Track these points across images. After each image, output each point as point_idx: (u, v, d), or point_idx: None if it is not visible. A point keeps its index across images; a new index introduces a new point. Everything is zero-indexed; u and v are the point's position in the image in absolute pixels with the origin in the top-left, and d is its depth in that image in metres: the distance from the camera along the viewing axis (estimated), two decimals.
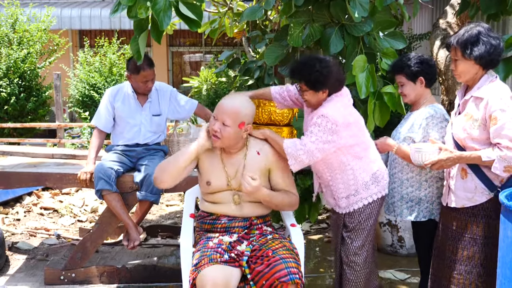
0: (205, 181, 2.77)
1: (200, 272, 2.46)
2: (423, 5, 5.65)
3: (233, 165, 2.76)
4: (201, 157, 2.79)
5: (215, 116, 2.68)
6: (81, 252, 3.66)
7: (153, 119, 3.77)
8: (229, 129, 2.65)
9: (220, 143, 2.68)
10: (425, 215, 3.01)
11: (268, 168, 2.80)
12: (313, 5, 3.59)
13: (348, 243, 2.90)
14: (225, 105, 2.67)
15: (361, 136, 2.84)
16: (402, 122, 3.12)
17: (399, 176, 3.05)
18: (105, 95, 3.81)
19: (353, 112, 2.84)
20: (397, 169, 3.06)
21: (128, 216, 3.58)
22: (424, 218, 3.01)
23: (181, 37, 12.75)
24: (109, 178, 3.45)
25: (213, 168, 2.76)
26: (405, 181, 3.03)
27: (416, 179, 3.00)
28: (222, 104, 2.69)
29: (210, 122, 2.72)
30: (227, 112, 2.65)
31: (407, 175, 3.02)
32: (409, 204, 3.02)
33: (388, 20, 3.49)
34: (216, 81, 9.85)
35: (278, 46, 3.80)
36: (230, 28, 5.50)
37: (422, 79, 2.98)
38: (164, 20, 2.87)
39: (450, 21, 4.58)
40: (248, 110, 2.73)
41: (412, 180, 3.01)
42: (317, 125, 2.68)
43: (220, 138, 2.66)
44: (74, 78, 9.16)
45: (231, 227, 2.75)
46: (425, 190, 2.99)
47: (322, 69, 2.69)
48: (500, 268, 2.32)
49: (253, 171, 2.73)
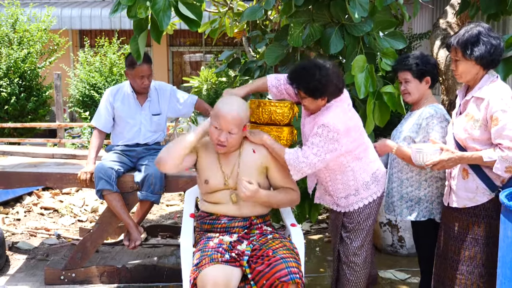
0: (203, 179, 2.78)
1: (201, 271, 2.46)
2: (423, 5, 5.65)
3: (229, 164, 2.77)
4: (199, 156, 2.80)
5: (217, 126, 2.66)
6: (81, 252, 3.66)
7: (153, 118, 3.77)
8: (236, 136, 2.68)
9: (225, 150, 2.71)
10: (424, 215, 3.01)
11: (265, 166, 2.80)
12: (313, 5, 3.59)
13: (347, 243, 2.90)
14: (227, 115, 2.64)
15: (360, 138, 2.84)
16: (403, 122, 3.12)
17: (398, 176, 3.05)
18: (104, 95, 3.81)
19: (352, 116, 2.83)
20: (397, 169, 3.06)
21: (129, 216, 3.58)
22: (423, 217, 3.01)
23: (181, 37, 12.76)
24: (110, 178, 3.46)
25: (211, 167, 2.77)
26: (405, 181, 3.03)
27: (416, 179, 3.00)
28: (223, 114, 2.65)
29: (211, 132, 2.70)
30: (231, 121, 2.64)
31: (406, 175, 3.02)
32: (408, 204, 3.02)
33: (388, 20, 3.49)
34: (216, 81, 9.85)
35: (278, 46, 3.80)
36: (230, 28, 5.50)
37: (428, 79, 2.98)
38: (163, 20, 2.87)
39: (450, 21, 4.57)
40: (246, 111, 2.76)
41: (412, 180, 3.01)
42: (318, 135, 2.67)
43: (225, 146, 2.67)
44: (74, 78, 9.17)
45: (231, 227, 2.75)
46: (424, 190, 2.99)
47: (322, 77, 2.66)
48: (500, 268, 2.32)
49: (248, 170, 2.74)
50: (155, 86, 3.81)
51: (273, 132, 3.57)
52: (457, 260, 2.68)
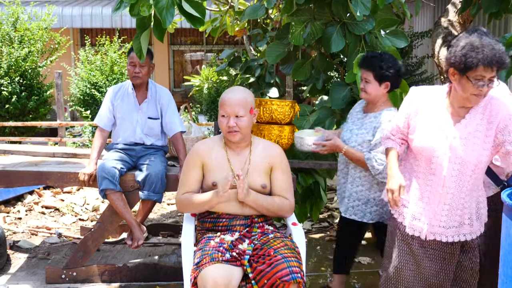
0: (210, 182, 2.76)
1: (201, 270, 2.45)
2: (425, 3, 5.65)
3: (239, 161, 2.77)
4: (204, 164, 2.78)
5: (224, 114, 2.69)
6: (82, 251, 3.66)
7: (148, 121, 3.74)
8: (244, 119, 2.69)
9: (239, 136, 2.71)
10: (373, 218, 3.04)
11: (271, 167, 2.80)
12: (314, 3, 3.58)
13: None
14: (232, 99, 2.69)
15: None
16: (356, 122, 3.11)
17: (352, 174, 3.08)
18: (107, 93, 3.82)
19: None
20: (352, 166, 3.09)
21: (131, 215, 3.58)
22: (372, 220, 3.05)
23: (182, 36, 12.75)
24: (113, 177, 3.45)
25: (219, 168, 2.75)
26: (357, 179, 3.06)
27: (368, 180, 3.03)
28: (228, 99, 2.69)
29: (220, 123, 2.72)
30: (237, 104, 2.67)
31: (360, 173, 3.05)
32: (355, 203, 3.06)
33: (390, 19, 3.48)
34: (217, 79, 9.85)
35: (279, 45, 3.79)
36: (231, 26, 5.49)
37: (388, 84, 2.99)
38: (167, 18, 2.86)
39: (452, 19, 4.57)
40: (251, 95, 2.79)
41: (364, 179, 3.04)
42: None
43: (238, 131, 2.68)
44: (75, 76, 9.16)
45: (232, 225, 2.75)
46: (375, 193, 3.02)
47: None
48: (502, 267, 2.31)
49: (258, 168, 2.76)
50: (156, 88, 3.79)
51: (275, 131, 3.57)
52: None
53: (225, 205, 2.75)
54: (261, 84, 4.79)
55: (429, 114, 2.40)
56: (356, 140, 3.02)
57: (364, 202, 3.03)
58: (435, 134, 2.36)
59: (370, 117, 3.02)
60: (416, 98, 2.46)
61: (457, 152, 2.31)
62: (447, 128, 2.34)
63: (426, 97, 2.44)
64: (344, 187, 3.15)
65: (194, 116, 8.92)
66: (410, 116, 2.46)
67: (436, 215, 2.41)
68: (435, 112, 2.39)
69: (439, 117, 2.38)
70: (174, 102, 3.82)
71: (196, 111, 10.32)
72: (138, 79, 3.69)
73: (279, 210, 2.80)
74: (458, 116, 2.35)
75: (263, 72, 4.80)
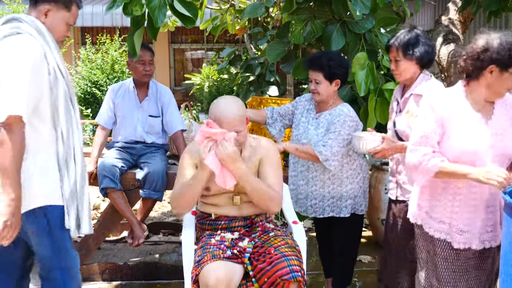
0: (204, 187, 2.69)
1: (203, 268, 2.45)
2: (425, 1, 5.65)
3: None
4: (197, 161, 2.73)
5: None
6: (83, 249, 3.67)
7: (149, 119, 3.75)
8: (243, 132, 2.63)
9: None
10: (348, 211, 3.09)
11: (259, 159, 2.72)
12: (314, 2, 3.59)
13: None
14: (229, 117, 2.54)
15: None
16: (313, 123, 3.10)
17: (321, 178, 3.10)
18: (108, 91, 3.83)
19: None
20: (304, 168, 3.12)
21: (132, 214, 3.58)
22: (348, 214, 3.09)
23: (183, 34, 12.75)
24: (114, 176, 3.46)
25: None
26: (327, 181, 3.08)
27: (337, 176, 3.06)
28: (225, 117, 2.54)
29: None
30: (235, 120, 2.56)
31: (328, 174, 3.07)
32: (330, 202, 3.09)
33: (390, 17, 3.49)
34: (218, 78, 9.86)
35: (279, 43, 3.80)
36: (231, 25, 5.50)
37: (338, 82, 3.03)
38: (159, 17, 2.90)
39: (452, 18, 4.57)
40: (243, 105, 2.68)
41: (334, 178, 3.07)
42: None
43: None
44: (76, 75, 9.17)
45: (232, 227, 2.73)
46: (346, 186, 3.07)
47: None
48: (503, 266, 2.31)
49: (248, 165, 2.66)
50: (156, 86, 3.80)
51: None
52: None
53: (223, 208, 2.73)
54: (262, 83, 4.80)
55: (459, 116, 2.30)
56: (312, 139, 3.04)
57: (338, 198, 3.08)
58: (474, 135, 2.27)
59: (325, 115, 3.05)
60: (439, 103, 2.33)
61: (497, 149, 2.25)
62: (483, 127, 2.27)
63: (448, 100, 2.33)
64: (306, 189, 3.15)
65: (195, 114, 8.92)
66: (441, 123, 2.30)
67: (483, 221, 2.33)
68: (463, 114, 2.30)
69: (469, 117, 2.29)
70: (174, 100, 3.83)
71: (197, 109, 10.33)
72: (148, 77, 3.69)
73: (269, 200, 2.62)
74: (486, 113, 2.29)
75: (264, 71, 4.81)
